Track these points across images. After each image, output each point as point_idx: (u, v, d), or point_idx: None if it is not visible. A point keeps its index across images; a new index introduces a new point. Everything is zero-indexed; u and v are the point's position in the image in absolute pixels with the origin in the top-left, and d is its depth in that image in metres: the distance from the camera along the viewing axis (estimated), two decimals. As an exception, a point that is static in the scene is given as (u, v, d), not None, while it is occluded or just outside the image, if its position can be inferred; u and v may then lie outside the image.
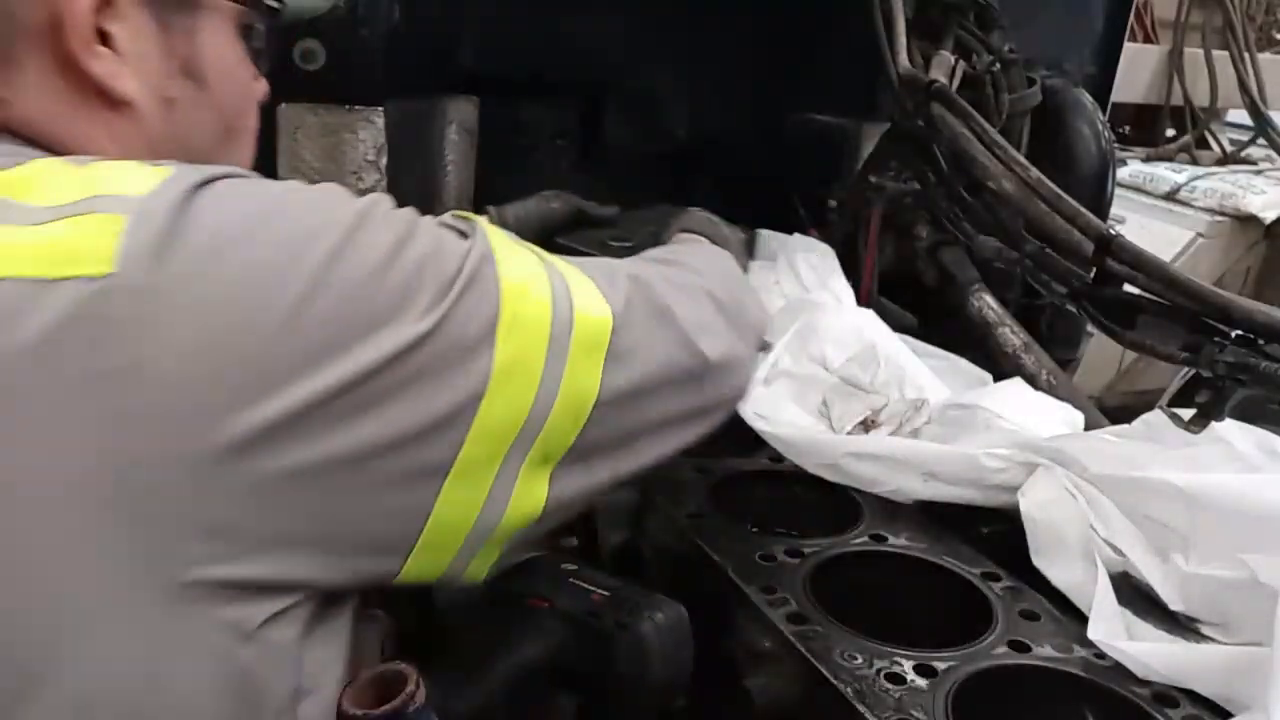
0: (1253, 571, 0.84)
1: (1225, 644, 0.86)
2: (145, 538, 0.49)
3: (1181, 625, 0.89)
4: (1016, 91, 1.43)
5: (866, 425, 1.17)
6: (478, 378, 0.56)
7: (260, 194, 0.55)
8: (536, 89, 1.61)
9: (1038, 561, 0.95)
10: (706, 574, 0.94)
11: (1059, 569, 0.93)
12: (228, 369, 0.49)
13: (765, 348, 0.88)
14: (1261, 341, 0.89)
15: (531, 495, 0.62)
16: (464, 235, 0.61)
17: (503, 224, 1.10)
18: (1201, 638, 0.88)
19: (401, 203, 0.61)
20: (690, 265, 0.80)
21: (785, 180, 1.71)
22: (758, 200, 1.63)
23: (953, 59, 1.36)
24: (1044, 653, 0.83)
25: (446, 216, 0.64)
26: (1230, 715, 0.76)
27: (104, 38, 0.61)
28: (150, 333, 0.48)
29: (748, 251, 1.37)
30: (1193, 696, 0.78)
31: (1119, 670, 0.81)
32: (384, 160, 1.31)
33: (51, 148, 0.61)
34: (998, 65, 1.41)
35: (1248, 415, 0.96)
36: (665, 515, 1.03)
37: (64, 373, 0.47)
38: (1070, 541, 0.94)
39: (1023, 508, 0.97)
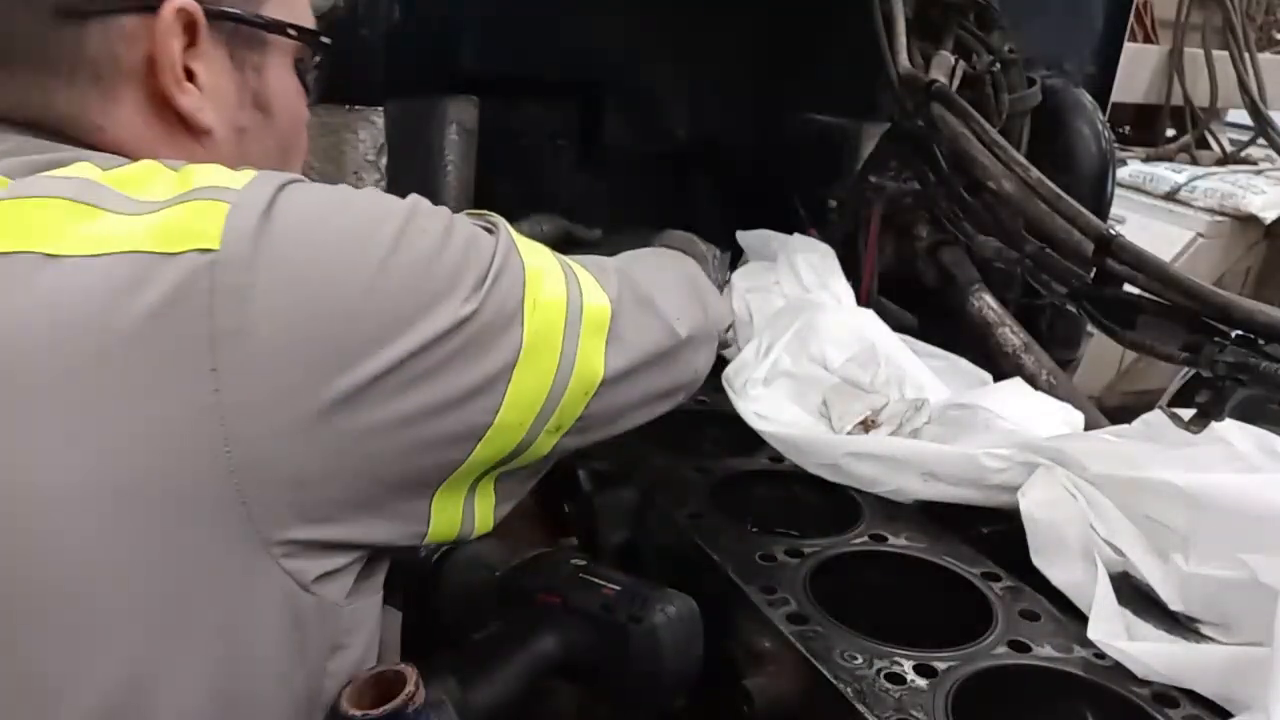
0: (1253, 571, 0.84)
1: (1225, 644, 0.85)
2: (245, 494, 0.55)
3: (1181, 625, 0.89)
4: (1016, 91, 1.43)
5: (866, 425, 1.17)
6: (511, 349, 0.64)
7: (327, 191, 0.62)
8: (536, 89, 1.61)
9: (1038, 561, 0.95)
10: (706, 574, 0.94)
11: (1059, 569, 0.93)
12: (321, 338, 0.56)
13: (726, 344, 0.93)
14: (1261, 341, 0.89)
15: (537, 455, 0.71)
16: (489, 230, 0.68)
17: None
18: (1201, 638, 0.88)
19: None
20: (660, 265, 0.91)
21: (785, 180, 1.71)
22: (758, 200, 1.63)
23: (953, 59, 1.36)
24: (1044, 653, 0.83)
25: (463, 214, 0.69)
26: (1230, 715, 0.76)
27: (189, 74, 0.68)
28: (255, 299, 0.54)
29: (724, 267, 1.40)
30: (1193, 696, 0.78)
31: (1119, 670, 0.81)
32: (384, 160, 1.31)
33: None
34: (998, 65, 1.41)
35: (1248, 415, 0.96)
36: (665, 515, 1.03)
37: (182, 333, 0.53)
38: (1070, 541, 0.94)
39: (1023, 508, 0.97)
